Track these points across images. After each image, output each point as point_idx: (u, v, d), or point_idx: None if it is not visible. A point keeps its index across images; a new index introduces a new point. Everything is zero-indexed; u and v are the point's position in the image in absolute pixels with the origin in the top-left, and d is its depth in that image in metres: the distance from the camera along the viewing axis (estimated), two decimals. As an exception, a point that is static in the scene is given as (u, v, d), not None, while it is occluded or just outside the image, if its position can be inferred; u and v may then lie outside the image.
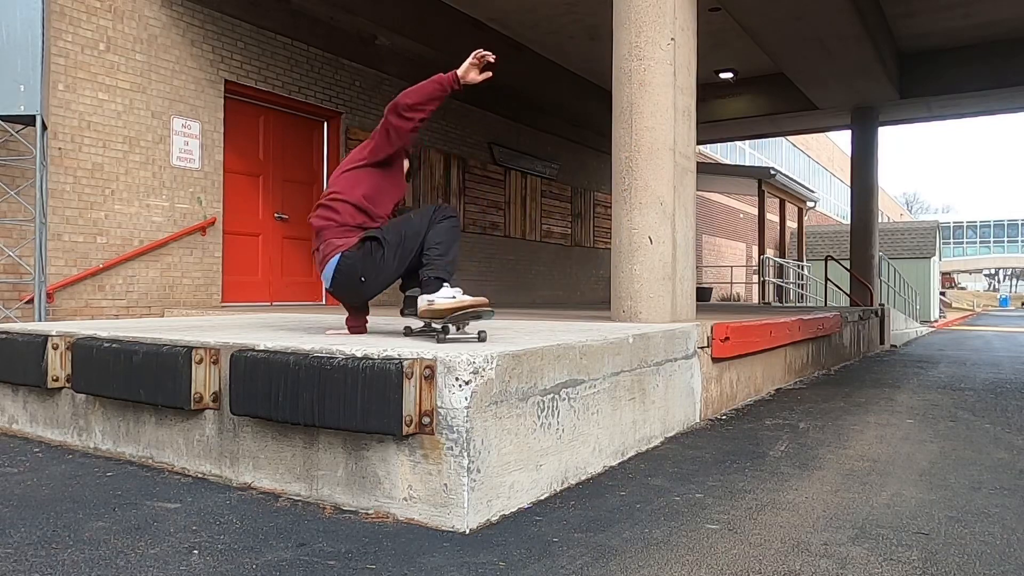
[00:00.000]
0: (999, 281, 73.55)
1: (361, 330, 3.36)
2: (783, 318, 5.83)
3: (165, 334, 3.23)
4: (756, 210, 18.39)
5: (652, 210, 4.53)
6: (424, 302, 2.90)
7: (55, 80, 5.91)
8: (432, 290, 2.90)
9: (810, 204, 20.31)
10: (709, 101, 12.33)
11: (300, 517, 2.42)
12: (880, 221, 14.64)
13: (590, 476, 2.97)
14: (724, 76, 11.89)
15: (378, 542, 2.20)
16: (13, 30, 5.17)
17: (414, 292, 3.05)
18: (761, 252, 16.52)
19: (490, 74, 3.07)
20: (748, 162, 24.48)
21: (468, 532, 2.29)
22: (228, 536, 2.23)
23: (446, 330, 2.89)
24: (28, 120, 5.34)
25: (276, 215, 7.93)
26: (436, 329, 2.92)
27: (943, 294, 36.87)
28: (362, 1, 7.97)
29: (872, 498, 2.73)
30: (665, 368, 3.77)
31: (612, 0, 4.79)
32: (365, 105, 8.90)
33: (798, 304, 16.79)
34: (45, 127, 5.48)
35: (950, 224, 74.54)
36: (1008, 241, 74.76)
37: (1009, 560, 2.13)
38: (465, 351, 2.44)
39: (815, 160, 33.41)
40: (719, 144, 21.31)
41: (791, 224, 19.64)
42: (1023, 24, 10.06)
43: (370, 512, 2.46)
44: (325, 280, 3.14)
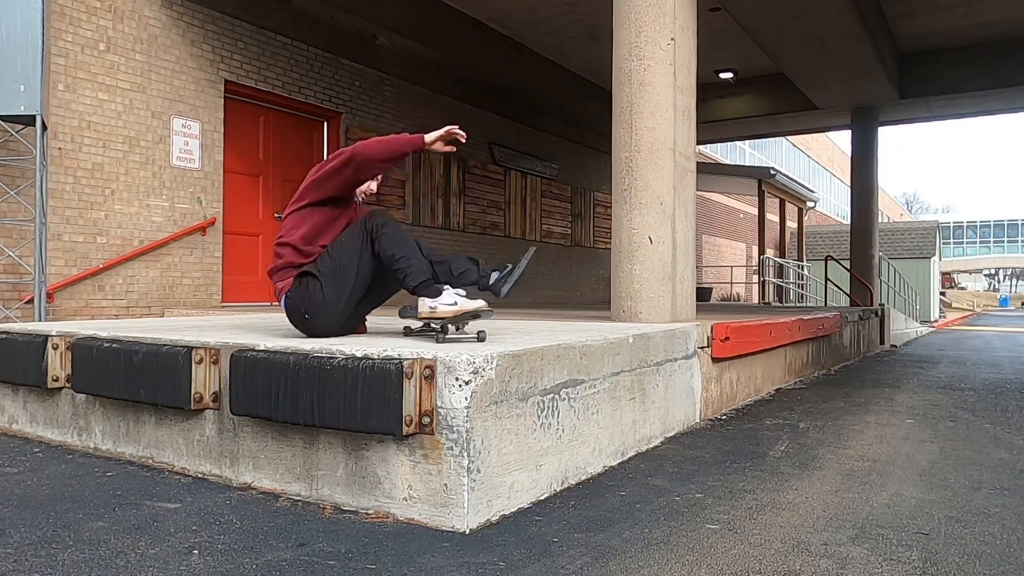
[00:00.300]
0: (999, 281, 73.54)
1: (361, 330, 3.36)
2: (783, 318, 5.83)
3: (165, 334, 3.23)
4: (756, 210, 18.39)
5: (652, 210, 4.53)
6: (426, 308, 2.89)
7: (55, 80, 5.91)
8: (434, 294, 2.89)
9: (810, 204, 20.30)
10: (709, 101, 12.33)
11: (300, 517, 2.43)
12: (880, 221, 14.64)
13: (590, 476, 2.97)
14: (724, 76, 11.89)
15: (378, 542, 2.20)
16: (13, 30, 5.17)
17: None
18: (761, 252, 16.51)
19: (454, 148, 3.04)
20: (748, 162, 24.48)
21: (468, 532, 2.29)
22: (228, 536, 2.23)
23: (445, 330, 2.89)
24: (28, 120, 5.34)
25: (276, 215, 7.92)
26: (435, 329, 2.93)
27: (943, 294, 36.87)
28: (362, 1, 7.97)
29: (872, 498, 2.73)
30: (665, 368, 3.77)
31: (612, 0, 4.79)
32: (365, 105, 8.90)
33: (798, 304, 16.79)
34: (45, 127, 5.48)
35: (950, 224, 74.53)
36: (1008, 241, 74.74)
37: (1009, 560, 2.13)
38: (465, 351, 2.44)
39: (815, 160, 33.40)
40: (719, 144, 21.30)
41: (791, 224, 19.64)
42: (1023, 24, 10.06)
43: (370, 512, 2.46)
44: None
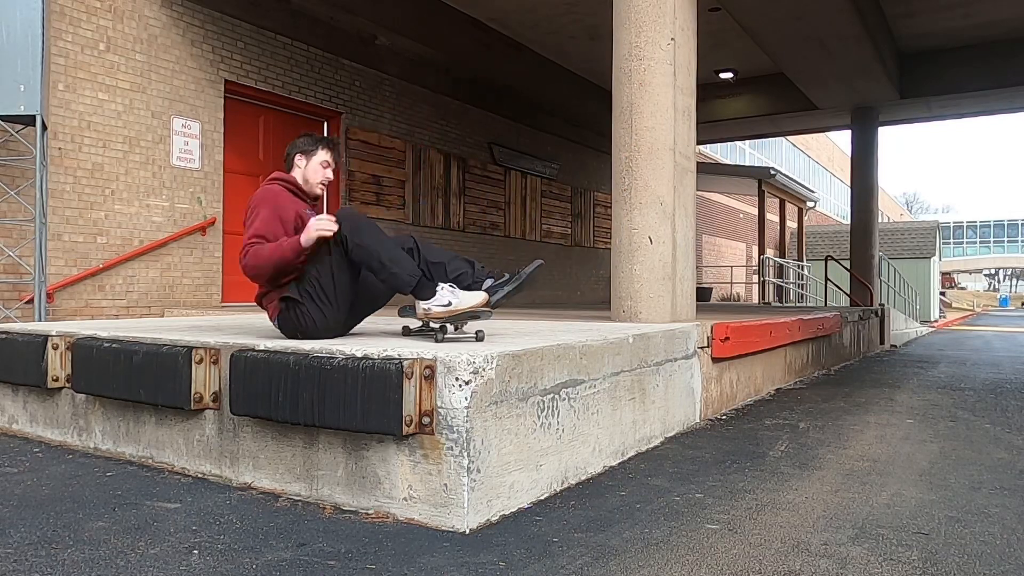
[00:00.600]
0: (999, 281, 73.50)
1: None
2: (783, 318, 5.83)
3: (165, 334, 3.23)
4: (756, 210, 18.38)
5: (652, 210, 4.53)
6: (420, 310, 2.92)
7: (55, 80, 5.91)
8: (428, 295, 2.89)
9: (810, 204, 20.30)
10: (709, 101, 12.32)
11: (300, 517, 2.42)
12: (880, 221, 14.63)
13: (590, 476, 2.97)
14: (724, 76, 11.88)
15: (378, 542, 2.20)
16: (13, 30, 5.17)
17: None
18: (761, 252, 16.51)
19: (330, 233, 2.93)
20: (748, 162, 24.47)
21: (468, 532, 2.29)
22: (228, 536, 2.23)
23: (444, 330, 2.90)
24: (28, 120, 5.34)
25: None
26: (434, 329, 2.94)
27: (943, 294, 36.86)
28: (362, 1, 7.97)
29: (872, 498, 2.73)
30: (665, 368, 3.77)
31: (612, 0, 4.79)
32: (365, 105, 8.90)
33: (798, 304, 16.79)
34: (45, 127, 5.48)
35: (950, 224, 74.47)
36: (1008, 241, 74.70)
37: (1009, 560, 2.13)
38: (465, 351, 2.44)
39: (815, 160, 33.39)
40: (719, 144, 21.29)
41: (791, 224, 19.63)
42: (1023, 24, 10.06)
43: (370, 512, 2.46)
44: None
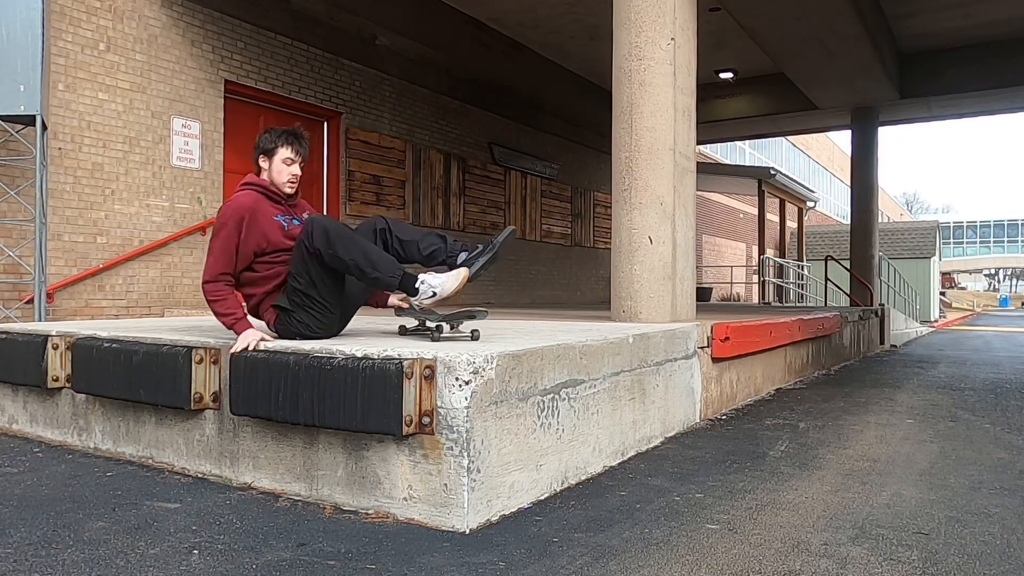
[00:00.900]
0: (999, 281, 73.47)
1: (380, 303, 3.38)
2: (783, 318, 5.83)
3: (165, 334, 3.23)
4: (756, 210, 18.38)
5: (652, 210, 4.53)
6: (415, 306, 2.98)
7: (55, 80, 5.91)
8: (411, 292, 2.86)
9: (810, 204, 20.30)
10: (709, 101, 12.32)
11: (300, 517, 2.43)
12: (880, 221, 14.63)
13: (590, 476, 2.97)
14: (724, 76, 11.88)
15: (378, 542, 2.20)
16: (13, 30, 5.17)
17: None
18: (761, 252, 16.51)
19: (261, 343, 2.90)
20: (748, 162, 24.46)
21: (468, 532, 2.29)
22: (228, 536, 2.23)
23: (440, 329, 2.91)
24: (28, 120, 5.34)
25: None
26: (430, 328, 2.94)
27: (943, 294, 36.85)
28: (362, 1, 7.97)
29: (872, 498, 2.73)
30: (665, 368, 3.77)
31: (612, 0, 4.79)
32: (365, 105, 8.90)
33: (798, 304, 16.78)
34: (45, 127, 5.48)
35: (950, 224, 74.43)
36: (1008, 241, 74.65)
37: (1009, 560, 2.13)
38: (465, 351, 2.43)
39: (815, 160, 33.39)
40: (719, 144, 21.28)
41: (791, 224, 19.63)
42: (1023, 24, 10.06)
43: (370, 512, 2.46)
44: None
